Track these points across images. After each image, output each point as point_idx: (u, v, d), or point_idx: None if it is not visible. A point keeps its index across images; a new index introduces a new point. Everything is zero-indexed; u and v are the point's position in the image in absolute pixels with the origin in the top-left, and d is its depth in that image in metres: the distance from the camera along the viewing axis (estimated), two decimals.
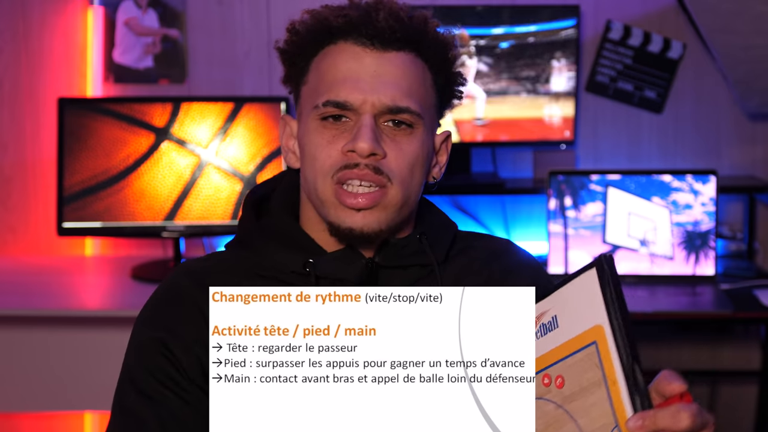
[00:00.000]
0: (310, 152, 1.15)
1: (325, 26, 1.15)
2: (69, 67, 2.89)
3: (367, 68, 1.13)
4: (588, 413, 0.92)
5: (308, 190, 1.17)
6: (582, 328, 0.94)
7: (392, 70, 1.14)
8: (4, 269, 2.75)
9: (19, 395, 2.55)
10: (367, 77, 1.13)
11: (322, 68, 1.16)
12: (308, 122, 1.15)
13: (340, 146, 1.13)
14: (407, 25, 1.14)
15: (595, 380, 0.92)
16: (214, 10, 2.89)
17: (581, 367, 0.94)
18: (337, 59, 1.14)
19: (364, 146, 1.10)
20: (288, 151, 1.23)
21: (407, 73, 1.14)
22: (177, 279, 1.19)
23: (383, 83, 1.13)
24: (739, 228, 2.91)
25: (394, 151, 1.13)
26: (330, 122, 1.13)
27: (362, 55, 1.13)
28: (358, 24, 1.13)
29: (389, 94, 1.12)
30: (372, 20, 1.13)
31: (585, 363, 0.93)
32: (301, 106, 1.19)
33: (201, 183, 2.64)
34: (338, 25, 1.14)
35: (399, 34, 1.13)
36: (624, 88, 2.93)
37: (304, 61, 1.18)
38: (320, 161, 1.13)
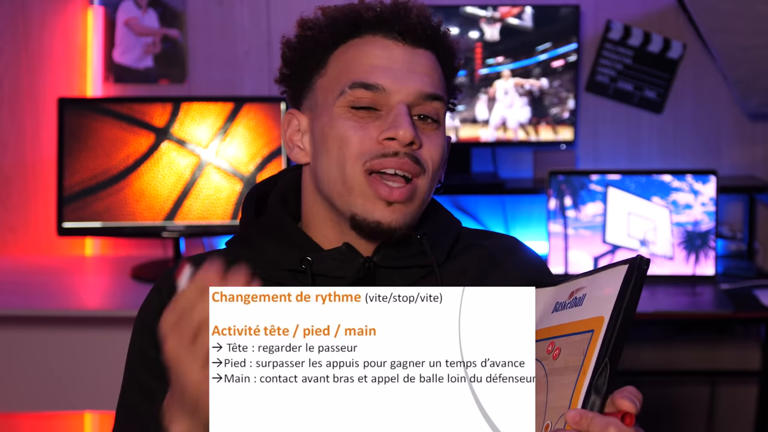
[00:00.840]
0: (338, 136, 1.12)
1: (352, 20, 1.15)
2: (69, 67, 2.89)
3: (397, 59, 1.13)
4: (557, 391, 0.94)
5: (327, 181, 1.14)
6: (591, 314, 0.96)
7: (422, 64, 1.14)
8: (4, 269, 2.75)
9: (19, 395, 2.55)
10: (398, 66, 1.13)
11: (346, 58, 1.14)
12: (332, 110, 1.13)
13: (374, 133, 1.11)
14: (435, 27, 1.16)
15: (575, 365, 0.94)
16: (214, 10, 2.89)
17: (574, 348, 0.95)
18: (366, 48, 1.14)
19: (406, 133, 1.09)
20: (294, 147, 1.20)
21: (434, 69, 1.15)
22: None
23: (416, 73, 1.13)
24: (739, 228, 2.91)
25: (428, 142, 1.13)
26: (359, 111, 1.12)
27: (392, 48, 1.13)
28: (390, 19, 1.14)
29: (423, 82, 1.13)
30: (403, 17, 1.13)
31: (577, 346, 0.95)
32: (315, 98, 1.17)
33: (201, 183, 2.64)
34: (369, 18, 1.14)
35: (429, 32, 1.15)
36: (624, 88, 2.93)
37: (322, 53, 1.16)
38: (353, 145, 1.11)
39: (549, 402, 0.95)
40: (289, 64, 1.19)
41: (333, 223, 1.16)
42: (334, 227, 1.16)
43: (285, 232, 1.18)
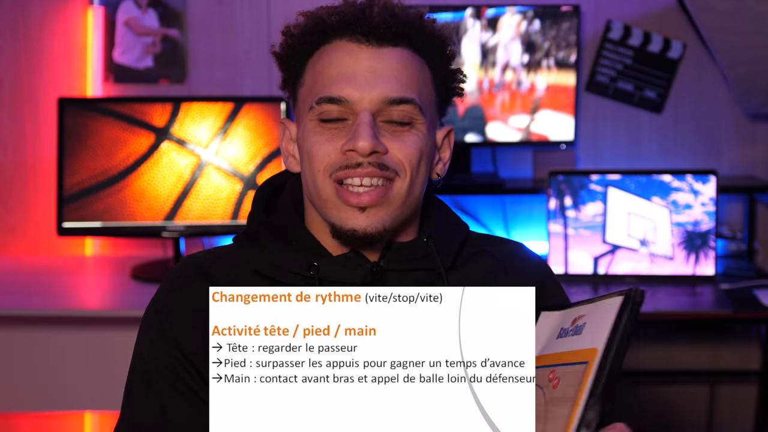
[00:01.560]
0: (307, 151, 1.13)
1: (319, 26, 1.14)
2: (69, 67, 2.89)
3: (362, 64, 1.11)
4: (552, 422, 0.94)
5: (309, 193, 1.16)
6: (587, 345, 0.96)
7: (389, 64, 1.12)
8: (4, 269, 2.74)
9: (19, 395, 2.55)
10: (363, 73, 1.11)
11: (317, 68, 1.14)
12: (306, 123, 1.14)
13: (339, 145, 1.11)
14: (402, 20, 1.13)
15: (570, 396, 0.93)
16: (214, 10, 2.89)
17: (570, 379, 0.95)
18: (332, 57, 1.13)
19: (365, 144, 1.09)
20: (288, 156, 1.21)
21: (405, 67, 1.13)
22: (186, 273, 1.17)
23: (380, 78, 1.11)
24: (739, 228, 2.91)
25: (396, 144, 1.12)
26: (328, 123, 1.12)
27: (357, 52, 1.12)
28: (352, 21, 1.12)
29: (387, 87, 1.11)
30: (366, 16, 1.12)
31: (573, 377, 0.95)
32: (298, 108, 1.18)
33: (201, 183, 2.64)
34: (332, 23, 1.13)
35: (394, 29, 1.12)
36: (624, 88, 2.93)
37: (300, 63, 1.17)
38: (318, 160, 1.12)
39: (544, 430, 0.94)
40: (282, 71, 1.20)
41: (326, 229, 1.16)
42: (330, 235, 1.16)
43: (295, 235, 1.17)
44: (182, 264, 1.19)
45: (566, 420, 0.92)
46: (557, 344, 1.01)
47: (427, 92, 1.15)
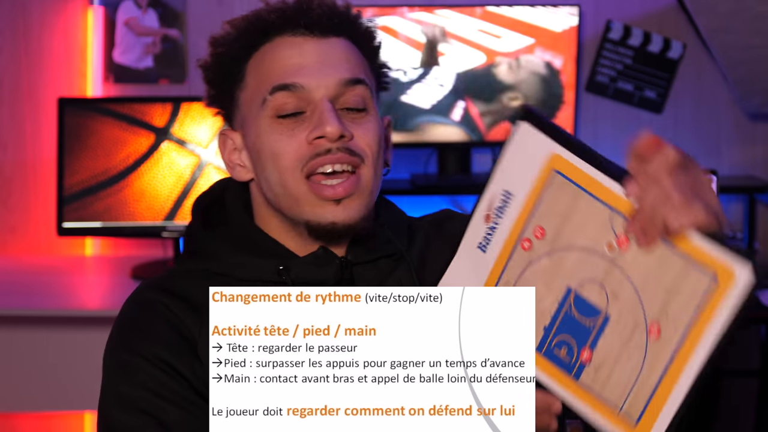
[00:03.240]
0: (269, 151, 1.11)
1: (258, 26, 1.14)
2: (69, 67, 2.89)
3: (310, 54, 1.12)
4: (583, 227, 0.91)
5: (274, 195, 1.13)
6: (536, 172, 0.94)
7: (336, 52, 1.13)
8: (4, 269, 2.74)
9: (19, 395, 2.55)
10: (313, 62, 1.11)
11: (262, 66, 1.13)
12: (258, 123, 1.12)
13: (303, 136, 1.10)
14: (340, 12, 1.15)
15: (572, 195, 0.91)
16: (214, 10, 2.89)
17: (553, 199, 0.93)
18: (276, 53, 1.13)
19: (333, 129, 1.08)
20: (234, 166, 1.18)
21: (350, 55, 1.14)
22: (143, 295, 1.15)
23: (331, 64, 1.12)
24: (739, 228, 2.91)
25: (359, 131, 1.12)
26: (285, 119, 1.11)
27: (302, 44, 1.12)
28: (293, 16, 1.13)
29: (341, 70, 1.12)
30: (306, 10, 1.13)
31: (555, 192, 0.93)
32: (242, 114, 1.16)
33: (201, 183, 2.64)
34: (272, 21, 1.13)
35: (335, 20, 1.14)
36: (624, 88, 2.93)
37: (237, 68, 1.15)
38: (285, 156, 1.10)
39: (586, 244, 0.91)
40: (212, 84, 1.19)
41: (293, 233, 1.15)
42: (294, 237, 1.15)
43: (258, 243, 1.16)
44: (133, 293, 1.16)
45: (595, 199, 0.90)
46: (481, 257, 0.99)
47: (370, 79, 1.17)
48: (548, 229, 0.94)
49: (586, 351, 0.91)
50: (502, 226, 0.97)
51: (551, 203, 0.94)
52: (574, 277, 0.92)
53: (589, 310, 0.90)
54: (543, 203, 0.94)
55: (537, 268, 0.95)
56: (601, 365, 0.90)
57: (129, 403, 1.08)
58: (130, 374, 1.10)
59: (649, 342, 0.86)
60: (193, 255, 1.18)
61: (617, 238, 0.88)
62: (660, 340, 0.86)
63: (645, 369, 0.86)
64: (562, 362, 0.92)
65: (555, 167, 0.93)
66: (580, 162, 0.91)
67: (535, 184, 0.95)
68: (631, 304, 0.88)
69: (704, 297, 0.83)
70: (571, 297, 0.92)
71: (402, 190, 2.77)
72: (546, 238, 0.94)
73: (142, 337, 1.11)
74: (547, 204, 0.94)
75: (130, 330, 1.13)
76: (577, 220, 0.92)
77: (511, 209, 0.97)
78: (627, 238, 0.88)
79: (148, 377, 1.08)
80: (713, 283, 0.83)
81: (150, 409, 1.07)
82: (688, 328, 0.84)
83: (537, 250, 0.95)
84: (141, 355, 1.09)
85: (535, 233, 0.95)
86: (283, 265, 1.12)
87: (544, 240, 0.94)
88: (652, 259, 0.86)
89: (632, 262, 0.88)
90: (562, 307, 0.93)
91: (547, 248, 0.94)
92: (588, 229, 0.91)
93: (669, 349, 0.85)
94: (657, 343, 0.86)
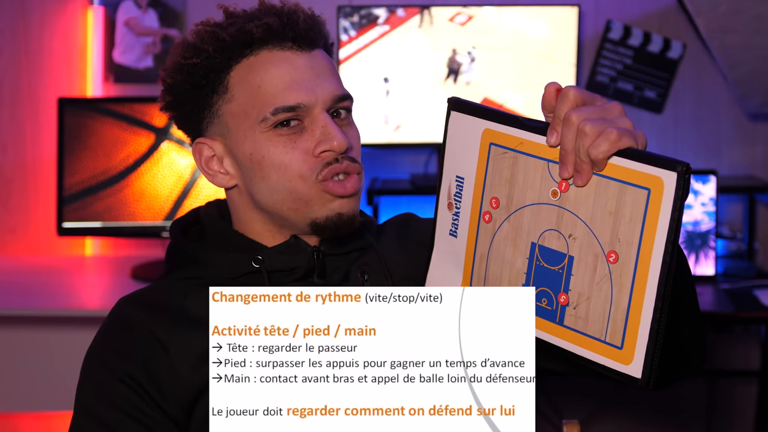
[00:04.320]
0: (273, 161, 1.14)
1: (241, 39, 1.15)
2: (69, 67, 2.89)
3: (303, 69, 1.15)
4: (527, 185, 0.97)
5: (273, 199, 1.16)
6: (476, 151, 1.00)
7: (323, 65, 1.17)
8: (4, 269, 2.75)
9: (19, 395, 2.56)
10: (307, 77, 1.15)
11: (251, 81, 1.14)
12: (255, 136, 1.14)
13: (305, 148, 1.14)
14: (320, 24, 1.19)
15: (511, 160, 0.98)
16: (214, 11, 2.89)
17: (497, 169, 0.99)
18: (269, 67, 1.14)
19: (342, 144, 1.13)
20: (215, 174, 1.20)
21: (331, 66, 1.19)
22: (119, 309, 1.18)
23: (323, 78, 1.16)
24: (739, 228, 2.91)
25: (351, 138, 1.17)
26: (281, 128, 1.14)
27: (293, 59, 1.15)
28: (280, 30, 1.14)
29: (332, 86, 1.16)
30: (292, 24, 1.15)
31: (496, 163, 0.99)
32: (224, 124, 1.17)
33: (201, 183, 2.64)
34: (257, 34, 1.14)
35: (316, 31, 1.17)
36: (624, 88, 2.93)
37: (218, 78, 1.16)
38: (293, 166, 1.13)
39: (534, 198, 0.97)
40: (179, 91, 1.17)
41: (275, 233, 1.19)
42: (276, 237, 1.19)
43: (232, 240, 1.20)
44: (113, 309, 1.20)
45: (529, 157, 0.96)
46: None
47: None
48: (501, 197, 0.99)
49: (562, 295, 0.95)
50: (464, 208, 1.03)
51: (496, 173, 1.00)
52: (534, 232, 0.97)
53: (554, 257, 0.95)
54: (490, 176, 1.00)
55: (501, 235, 1.00)
56: (578, 304, 0.94)
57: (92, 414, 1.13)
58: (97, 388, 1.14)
59: (611, 269, 0.91)
60: (174, 268, 1.22)
61: (558, 183, 0.94)
62: (619, 263, 0.90)
63: (614, 295, 0.91)
64: (545, 312, 0.97)
65: (490, 140, 0.99)
66: (508, 128, 0.98)
67: (478, 161, 1.01)
68: (587, 239, 0.92)
69: (644, 210, 0.88)
70: (537, 250, 0.97)
71: (402, 190, 2.78)
72: (501, 205, 1.00)
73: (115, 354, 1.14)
74: (493, 175, 1.00)
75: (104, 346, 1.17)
76: (520, 180, 0.97)
77: (467, 191, 1.03)
78: (565, 181, 0.93)
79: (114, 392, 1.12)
80: (648, 195, 0.88)
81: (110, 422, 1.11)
82: (639, 243, 0.88)
83: (497, 219, 1.00)
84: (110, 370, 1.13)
85: (491, 204, 1.00)
86: (258, 255, 1.16)
87: (499, 208, 1.00)
88: (591, 192, 0.91)
89: (576, 201, 0.93)
90: (531, 262, 0.98)
91: (504, 214, 1.00)
92: (532, 185, 0.97)
93: (629, 269, 0.89)
94: (617, 266, 0.90)
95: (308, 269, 1.18)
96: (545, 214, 0.96)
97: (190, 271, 1.19)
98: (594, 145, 0.88)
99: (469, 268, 1.04)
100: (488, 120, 0.99)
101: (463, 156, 1.02)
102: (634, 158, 0.88)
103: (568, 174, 0.91)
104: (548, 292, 0.96)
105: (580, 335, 0.94)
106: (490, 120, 0.99)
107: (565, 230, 0.94)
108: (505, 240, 1.00)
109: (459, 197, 1.03)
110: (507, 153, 0.98)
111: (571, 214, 0.93)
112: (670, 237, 0.86)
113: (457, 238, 1.05)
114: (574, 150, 0.90)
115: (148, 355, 1.12)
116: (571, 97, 0.90)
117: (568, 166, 0.91)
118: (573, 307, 0.94)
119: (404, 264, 1.23)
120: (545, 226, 0.96)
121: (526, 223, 0.98)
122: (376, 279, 1.20)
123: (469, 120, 1.01)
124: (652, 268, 0.88)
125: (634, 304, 0.89)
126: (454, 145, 1.03)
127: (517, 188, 0.98)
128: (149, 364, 1.12)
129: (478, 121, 1.00)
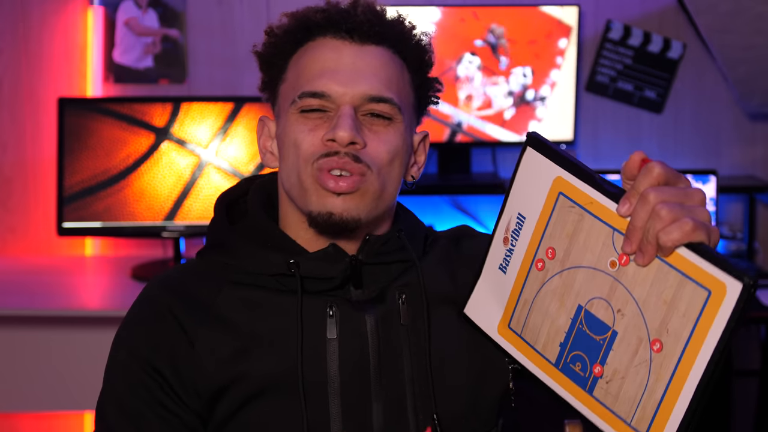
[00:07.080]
0: (291, 141, 1.14)
1: (303, 24, 1.16)
2: (69, 67, 2.89)
3: (345, 60, 1.14)
4: (587, 246, 0.94)
5: (290, 184, 1.16)
6: (544, 195, 0.98)
7: (371, 61, 1.15)
8: (4, 269, 2.74)
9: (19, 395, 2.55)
10: (345, 69, 1.13)
11: (301, 64, 1.16)
12: (288, 117, 1.15)
13: (321, 134, 1.13)
14: (385, 21, 1.16)
15: (576, 216, 0.95)
16: (214, 10, 2.89)
17: (560, 220, 0.97)
18: (316, 53, 1.15)
19: (344, 135, 1.10)
20: (266, 152, 1.23)
21: (386, 66, 1.15)
22: (151, 292, 1.19)
23: (362, 75, 1.13)
24: (739, 228, 2.91)
25: (374, 142, 1.13)
26: (310, 114, 1.14)
27: (341, 48, 1.15)
28: (337, 19, 1.15)
29: (368, 85, 1.13)
30: (350, 15, 1.15)
31: (561, 214, 0.96)
32: (279, 105, 1.20)
33: (201, 183, 2.64)
34: (317, 21, 1.15)
35: (377, 28, 1.15)
36: (624, 88, 2.93)
37: (282, 60, 1.18)
38: (303, 148, 1.13)
39: (592, 262, 0.94)
40: (263, 72, 1.22)
41: (306, 225, 1.16)
42: (308, 229, 1.17)
43: (270, 236, 1.18)
44: (146, 288, 1.21)
45: (596, 219, 0.93)
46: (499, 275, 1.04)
47: (405, 93, 1.18)
48: (558, 250, 0.97)
49: (597, 366, 0.93)
50: (518, 247, 1.02)
51: (559, 225, 0.97)
52: (584, 295, 0.94)
53: (598, 326, 0.93)
54: (551, 225, 0.98)
55: (550, 287, 0.98)
56: (612, 379, 0.92)
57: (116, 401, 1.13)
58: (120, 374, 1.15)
59: (653, 357, 0.88)
60: (211, 248, 1.22)
61: (618, 255, 0.91)
62: (662, 354, 0.88)
63: (650, 383, 0.88)
64: (577, 377, 0.95)
65: (560, 189, 0.97)
66: (581, 183, 0.94)
67: (543, 206, 0.99)
68: (635, 320, 0.90)
69: (700, 311, 0.85)
70: (582, 314, 0.94)
71: (402, 190, 2.77)
72: (556, 258, 0.97)
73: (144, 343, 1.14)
74: (555, 225, 0.97)
75: (131, 332, 1.17)
76: (582, 239, 0.95)
77: (525, 231, 1.01)
78: (627, 256, 0.90)
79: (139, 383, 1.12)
80: (708, 297, 0.85)
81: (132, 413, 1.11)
82: (687, 341, 0.86)
83: (549, 269, 0.98)
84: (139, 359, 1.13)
85: (546, 254, 0.98)
86: (294, 259, 1.13)
87: (554, 260, 0.97)
88: (651, 274, 0.88)
89: (633, 279, 0.90)
90: (574, 324, 0.95)
91: (557, 268, 0.97)
92: (592, 248, 0.94)
93: (671, 363, 0.87)
94: (659, 356, 0.88)
95: (345, 279, 1.15)
96: (599, 281, 0.93)
97: (225, 255, 1.18)
98: (665, 231, 0.86)
99: (510, 309, 1.03)
100: (563, 168, 0.96)
101: (530, 196, 1.00)
102: (703, 255, 0.85)
103: (631, 250, 0.89)
104: (584, 358, 0.94)
105: (606, 410, 0.92)
106: (565, 169, 0.96)
107: (615, 303, 0.91)
108: (553, 293, 0.98)
109: (516, 235, 1.02)
110: (574, 208, 0.95)
111: (625, 289, 0.90)
112: (719, 346, 0.84)
113: (506, 274, 1.03)
114: (644, 228, 0.87)
115: (175, 347, 1.12)
116: (655, 174, 0.88)
117: (633, 242, 0.88)
118: (606, 381, 0.92)
119: (446, 285, 1.20)
120: (596, 293, 0.93)
121: (577, 284, 0.95)
122: (413, 301, 1.17)
123: (544, 162, 0.98)
124: (694, 369, 0.85)
125: (668, 398, 0.87)
126: (523, 181, 1.01)
127: (577, 246, 0.95)
128: (176, 358, 1.11)
129: (553, 167, 0.97)
